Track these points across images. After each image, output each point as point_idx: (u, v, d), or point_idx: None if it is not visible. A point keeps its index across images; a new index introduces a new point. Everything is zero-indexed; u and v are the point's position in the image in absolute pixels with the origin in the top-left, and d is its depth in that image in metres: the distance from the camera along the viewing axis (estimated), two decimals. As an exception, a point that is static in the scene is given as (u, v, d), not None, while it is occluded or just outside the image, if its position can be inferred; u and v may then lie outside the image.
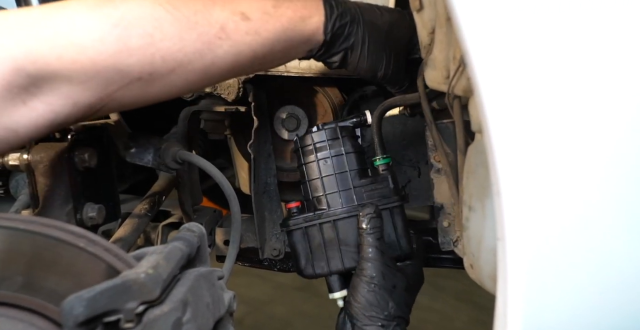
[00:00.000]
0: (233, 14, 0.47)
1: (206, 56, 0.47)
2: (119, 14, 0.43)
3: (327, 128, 0.64)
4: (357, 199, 0.61)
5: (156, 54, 0.45)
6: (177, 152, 0.62)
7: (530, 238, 0.27)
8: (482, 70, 0.27)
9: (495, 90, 0.27)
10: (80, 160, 0.52)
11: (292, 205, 0.65)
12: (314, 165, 0.63)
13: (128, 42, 0.44)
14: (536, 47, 0.27)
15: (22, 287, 0.32)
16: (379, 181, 0.62)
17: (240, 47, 0.48)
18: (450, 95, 0.45)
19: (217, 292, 0.43)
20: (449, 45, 0.43)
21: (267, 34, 0.49)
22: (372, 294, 0.53)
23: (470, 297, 1.98)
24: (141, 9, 0.44)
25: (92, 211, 0.53)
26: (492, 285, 0.40)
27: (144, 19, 0.44)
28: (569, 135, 0.28)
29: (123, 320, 0.31)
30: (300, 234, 0.62)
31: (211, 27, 0.46)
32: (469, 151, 0.44)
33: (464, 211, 0.45)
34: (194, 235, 0.44)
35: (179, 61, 0.46)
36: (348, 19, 0.53)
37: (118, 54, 0.44)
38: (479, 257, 0.41)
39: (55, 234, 0.33)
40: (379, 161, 0.63)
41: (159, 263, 0.35)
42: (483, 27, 0.27)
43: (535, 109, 0.27)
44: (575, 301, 0.28)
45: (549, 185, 0.27)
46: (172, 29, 0.45)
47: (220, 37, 0.47)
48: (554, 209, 0.27)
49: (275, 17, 0.49)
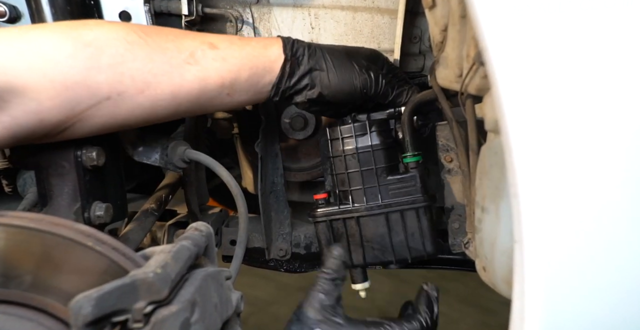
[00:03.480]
0: (202, 43, 0.51)
1: (174, 79, 0.49)
2: (92, 35, 0.45)
3: (356, 122, 0.62)
4: (382, 197, 0.60)
5: (126, 73, 0.47)
6: (185, 151, 0.62)
7: (549, 240, 0.26)
8: (501, 67, 0.26)
9: (514, 89, 0.26)
10: (89, 158, 0.52)
11: (319, 196, 0.65)
12: (341, 159, 0.62)
13: (99, 60, 0.45)
14: (558, 43, 0.26)
15: (31, 286, 0.32)
16: (407, 179, 0.60)
17: (208, 72, 0.51)
18: (462, 94, 0.44)
19: (225, 293, 0.43)
20: (462, 43, 0.42)
21: (233, 61, 0.52)
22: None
23: (475, 300, 1.96)
24: (115, 32, 0.47)
25: (100, 210, 0.53)
26: (506, 288, 0.39)
27: (117, 41, 0.46)
28: (589, 136, 0.27)
29: (131, 320, 0.31)
30: (325, 226, 0.63)
31: (181, 52, 0.50)
32: (482, 151, 0.43)
33: (476, 213, 0.44)
34: (202, 234, 0.43)
35: (148, 82, 0.48)
36: (305, 44, 0.58)
37: (88, 71, 0.45)
38: (493, 260, 0.40)
39: (64, 233, 0.32)
40: (408, 158, 0.61)
41: (167, 262, 0.34)
42: (503, 22, 0.26)
43: (556, 108, 0.26)
44: (595, 304, 0.27)
45: (568, 187, 0.26)
46: (142, 52, 0.47)
47: (189, 62, 0.50)
48: (573, 211, 0.26)
49: (241, 46, 0.54)
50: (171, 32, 0.51)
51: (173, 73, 0.49)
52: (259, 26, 0.74)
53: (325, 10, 0.73)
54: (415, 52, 0.73)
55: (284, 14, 0.73)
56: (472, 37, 0.38)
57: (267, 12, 0.73)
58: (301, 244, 0.93)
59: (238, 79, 0.53)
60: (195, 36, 0.52)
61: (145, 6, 0.59)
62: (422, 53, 0.73)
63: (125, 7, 0.58)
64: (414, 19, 0.70)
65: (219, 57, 0.51)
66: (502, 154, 0.38)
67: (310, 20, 0.74)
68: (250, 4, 0.73)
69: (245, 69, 0.53)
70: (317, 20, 0.73)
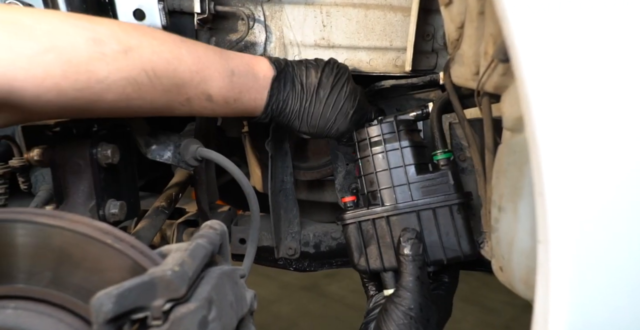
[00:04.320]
0: (202, 94, 0.54)
1: (163, 112, 0.54)
2: (105, 73, 0.46)
3: (384, 122, 0.62)
4: (413, 195, 0.59)
5: (124, 108, 0.50)
6: (197, 149, 0.62)
7: (577, 240, 0.25)
8: (529, 64, 0.26)
9: (542, 85, 0.26)
10: (104, 156, 0.52)
11: (347, 199, 0.65)
12: (369, 159, 0.62)
13: (105, 96, 0.47)
14: (588, 37, 0.25)
15: (50, 283, 0.32)
16: (438, 177, 0.59)
17: (194, 113, 0.57)
18: (479, 92, 0.43)
19: (240, 291, 0.43)
20: (480, 40, 0.41)
21: (219, 113, 0.59)
22: (406, 326, 0.52)
23: (477, 299, 1.96)
24: (127, 72, 0.48)
25: (114, 208, 0.53)
26: (524, 288, 0.39)
27: (127, 81, 0.48)
28: (616, 133, 0.26)
29: (150, 318, 0.31)
30: (355, 228, 0.61)
31: (180, 96, 0.53)
32: (500, 150, 0.42)
33: (493, 212, 0.44)
34: (217, 233, 0.43)
35: (140, 111, 0.52)
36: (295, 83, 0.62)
37: (93, 103, 0.47)
38: (510, 260, 0.40)
39: (84, 230, 0.32)
40: (439, 156, 0.60)
41: (185, 260, 0.34)
42: (531, 17, 0.25)
43: (585, 104, 0.26)
44: (623, 305, 0.26)
45: (597, 185, 0.26)
46: (147, 94, 0.50)
47: (183, 105, 0.54)
48: (602, 210, 0.26)
49: (233, 107, 0.58)
50: (178, 75, 0.52)
51: (165, 109, 0.53)
52: (270, 24, 0.74)
53: (337, 7, 0.72)
54: (428, 50, 0.73)
55: (296, 12, 0.73)
56: (490, 34, 0.38)
57: (279, 10, 0.73)
58: (310, 243, 0.93)
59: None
60: (199, 84, 0.53)
61: (160, 4, 0.59)
62: (434, 51, 0.73)
63: (139, 5, 0.58)
64: (427, 17, 0.69)
65: (210, 108, 0.56)
66: (521, 153, 0.38)
67: (322, 18, 0.73)
68: (262, 2, 0.72)
69: (227, 115, 0.59)
70: (329, 17, 0.73)
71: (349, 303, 2.12)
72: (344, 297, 1.96)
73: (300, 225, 0.91)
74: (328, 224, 0.96)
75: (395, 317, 0.52)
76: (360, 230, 0.61)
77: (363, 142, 0.63)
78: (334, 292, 1.99)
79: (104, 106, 0.48)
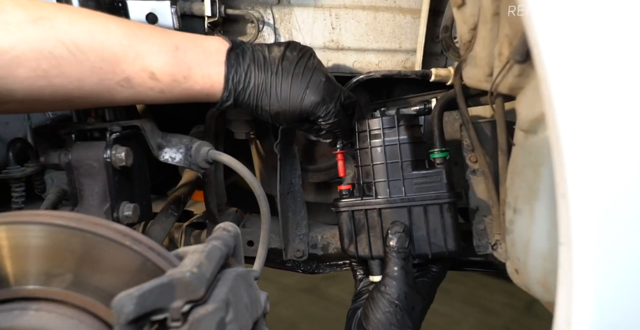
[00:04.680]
0: (142, 71, 0.47)
1: (103, 97, 0.47)
2: (9, 42, 0.41)
3: (385, 116, 0.62)
4: (406, 191, 0.60)
5: (47, 88, 0.44)
6: (208, 151, 0.62)
7: (600, 242, 0.25)
8: (554, 63, 0.26)
9: (568, 85, 0.26)
10: (118, 159, 0.52)
11: (343, 187, 0.65)
12: (367, 151, 0.62)
13: (16, 71, 0.42)
14: (615, 36, 0.25)
15: (71, 285, 0.32)
16: (432, 175, 0.60)
17: (141, 97, 0.49)
18: (492, 94, 0.43)
19: (255, 293, 0.43)
20: (494, 41, 0.41)
21: (171, 96, 0.50)
22: (392, 314, 0.54)
23: (476, 300, 1.96)
24: (39, 43, 0.42)
25: (128, 210, 0.54)
26: (541, 290, 0.39)
27: (41, 54, 0.42)
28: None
29: (170, 319, 0.31)
30: (347, 216, 0.63)
31: (115, 75, 0.46)
32: (515, 151, 0.42)
33: (507, 214, 0.44)
34: (230, 234, 0.43)
35: (73, 96, 0.46)
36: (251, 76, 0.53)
37: (1, 79, 0.42)
38: (526, 262, 0.40)
39: (103, 232, 0.33)
40: (435, 154, 0.61)
41: (202, 262, 0.35)
42: (558, 16, 0.25)
43: (610, 105, 0.26)
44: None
45: (621, 186, 0.26)
46: (71, 69, 0.44)
47: (123, 86, 0.47)
48: (625, 212, 0.26)
49: (186, 86, 0.50)
50: (107, 49, 0.45)
51: (103, 92, 0.47)
52: (280, 27, 0.74)
53: (347, 10, 0.73)
54: (437, 52, 0.73)
55: (305, 15, 0.73)
56: (505, 35, 0.38)
57: (288, 12, 0.73)
58: (318, 245, 0.93)
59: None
60: (136, 58, 0.47)
61: (172, 8, 0.60)
62: (443, 53, 0.73)
63: (152, 8, 0.59)
64: (437, 18, 0.69)
65: (158, 89, 0.49)
66: (538, 154, 0.37)
67: (331, 20, 0.73)
68: (272, 5, 0.73)
69: (183, 99, 0.52)
70: (338, 20, 0.73)
71: (349, 305, 2.13)
72: (344, 299, 1.96)
73: (308, 227, 0.91)
74: (336, 226, 0.96)
75: (381, 305, 0.54)
76: (352, 219, 0.63)
77: (363, 133, 0.63)
78: (335, 295, 1.99)
79: (17, 84, 0.42)
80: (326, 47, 0.74)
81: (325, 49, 0.74)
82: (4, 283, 0.31)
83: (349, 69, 0.75)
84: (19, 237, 0.31)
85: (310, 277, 2.14)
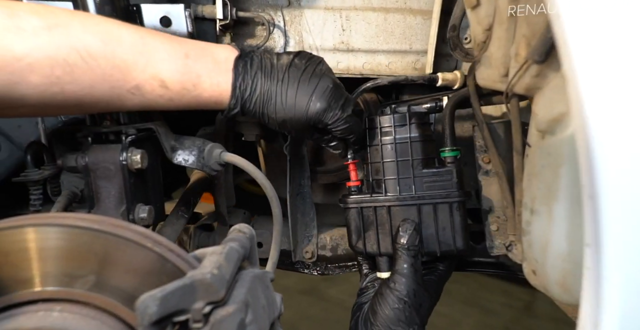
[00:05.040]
0: (152, 79, 0.48)
1: (113, 104, 0.48)
2: (24, 49, 0.41)
3: (396, 113, 0.62)
4: (416, 189, 0.60)
5: (59, 94, 0.44)
6: (221, 153, 0.63)
7: (630, 244, 0.25)
8: (584, 60, 0.25)
9: (598, 84, 0.25)
10: (134, 161, 0.53)
11: (351, 183, 0.65)
12: (377, 148, 0.62)
13: (29, 78, 0.42)
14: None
15: (94, 286, 0.32)
16: (443, 173, 0.59)
17: (150, 104, 0.50)
18: (507, 94, 0.43)
19: (272, 294, 0.43)
20: (509, 41, 0.41)
21: (180, 104, 0.51)
22: (400, 310, 0.54)
23: (476, 301, 1.95)
24: (53, 50, 0.42)
25: (143, 212, 0.54)
26: (560, 291, 0.38)
27: (55, 61, 0.43)
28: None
29: (191, 320, 0.31)
30: (356, 213, 0.63)
31: (126, 82, 0.47)
32: (532, 152, 0.42)
33: (524, 215, 0.43)
34: (246, 236, 0.43)
35: (83, 102, 0.46)
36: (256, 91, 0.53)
37: (15, 85, 0.42)
38: (545, 263, 0.39)
39: (125, 234, 0.33)
40: (446, 153, 0.61)
41: (222, 264, 0.35)
42: (588, 13, 0.25)
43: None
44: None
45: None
46: (83, 76, 0.44)
47: (134, 93, 0.48)
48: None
49: (195, 95, 0.50)
50: (119, 57, 0.46)
51: (113, 99, 0.47)
52: (290, 29, 0.74)
53: (357, 11, 0.73)
54: (448, 53, 0.73)
55: (315, 17, 0.74)
56: (522, 35, 0.38)
57: (299, 15, 0.74)
58: (327, 246, 0.93)
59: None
60: (146, 66, 0.47)
61: (186, 11, 0.60)
62: (451, 52, 0.73)
63: (166, 12, 0.59)
64: (448, 19, 0.69)
65: (167, 97, 0.49)
66: (557, 155, 0.37)
67: (341, 22, 0.74)
68: (282, 7, 0.73)
69: (192, 107, 0.53)
70: (348, 22, 0.73)
71: (349, 307, 2.10)
72: (343, 300, 1.95)
73: (317, 229, 0.91)
74: (344, 228, 0.96)
75: (390, 301, 0.55)
76: (361, 215, 0.63)
77: (374, 130, 0.63)
78: (334, 296, 1.99)
79: (31, 90, 0.42)
80: (336, 48, 0.75)
81: (335, 50, 0.75)
82: (30, 284, 0.31)
83: (359, 71, 0.76)
84: (46, 239, 0.31)
85: (309, 279, 2.13)
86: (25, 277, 0.31)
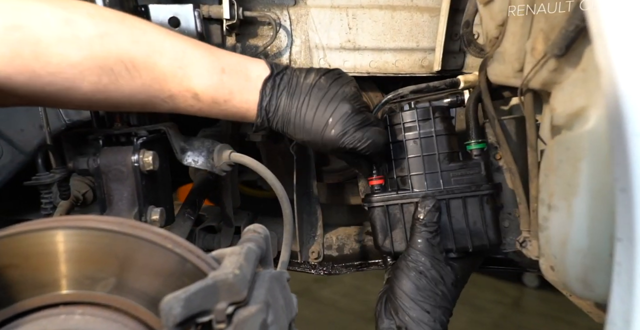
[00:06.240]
0: (187, 91, 0.50)
1: (147, 107, 0.51)
2: (78, 58, 0.44)
3: (419, 107, 0.61)
4: (443, 183, 0.59)
5: (102, 101, 0.47)
6: (230, 154, 0.62)
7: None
8: (621, 53, 0.25)
9: (637, 76, 0.25)
10: (146, 163, 0.52)
11: (374, 182, 0.64)
12: (401, 144, 0.61)
13: (80, 84, 0.45)
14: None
15: (115, 288, 0.32)
16: (470, 166, 0.58)
17: (179, 111, 0.53)
18: (522, 90, 0.43)
19: (289, 294, 0.43)
20: (524, 36, 0.41)
21: (207, 114, 0.53)
22: (418, 280, 0.53)
23: (467, 299, 1.96)
24: (103, 60, 0.45)
25: (155, 214, 0.54)
26: (581, 287, 0.38)
27: (103, 70, 0.45)
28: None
29: (215, 321, 0.31)
30: (381, 211, 0.62)
31: (162, 92, 0.49)
32: (550, 147, 0.42)
33: (540, 211, 0.43)
34: (261, 236, 0.43)
35: (121, 107, 0.49)
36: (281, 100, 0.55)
37: (67, 90, 0.45)
38: (564, 259, 0.39)
39: (146, 236, 0.33)
40: (472, 145, 0.60)
41: (242, 264, 0.34)
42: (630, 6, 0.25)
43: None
44: None
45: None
46: (125, 86, 0.47)
47: (167, 102, 0.50)
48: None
49: (224, 108, 0.52)
50: (159, 69, 0.48)
51: (148, 104, 0.50)
52: (296, 28, 0.74)
53: (364, 10, 0.73)
54: (455, 50, 0.73)
55: (322, 15, 0.73)
56: (540, 30, 0.38)
57: (305, 13, 0.73)
58: (333, 246, 0.92)
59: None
60: (182, 80, 0.49)
61: (196, 11, 0.60)
62: (462, 50, 0.73)
63: (175, 13, 0.59)
64: (455, 16, 0.69)
65: (197, 108, 0.52)
66: (576, 149, 0.37)
67: (347, 20, 0.73)
68: (288, 6, 0.73)
69: (218, 117, 0.54)
70: (355, 20, 0.73)
71: (342, 307, 2.05)
72: (336, 301, 1.95)
73: (323, 229, 0.91)
74: (350, 227, 0.95)
75: (407, 272, 0.54)
76: (387, 214, 0.61)
77: (397, 126, 0.62)
78: (327, 297, 1.98)
79: (80, 96, 0.45)
80: (343, 47, 0.74)
81: (342, 49, 0.74)
82: (52, 287, 0.31)
83: (366, 69, 0.75)
84: (67, 241, 0.31)
85: (302, 280, 2.10)
86: (46, 280, 0.31)
